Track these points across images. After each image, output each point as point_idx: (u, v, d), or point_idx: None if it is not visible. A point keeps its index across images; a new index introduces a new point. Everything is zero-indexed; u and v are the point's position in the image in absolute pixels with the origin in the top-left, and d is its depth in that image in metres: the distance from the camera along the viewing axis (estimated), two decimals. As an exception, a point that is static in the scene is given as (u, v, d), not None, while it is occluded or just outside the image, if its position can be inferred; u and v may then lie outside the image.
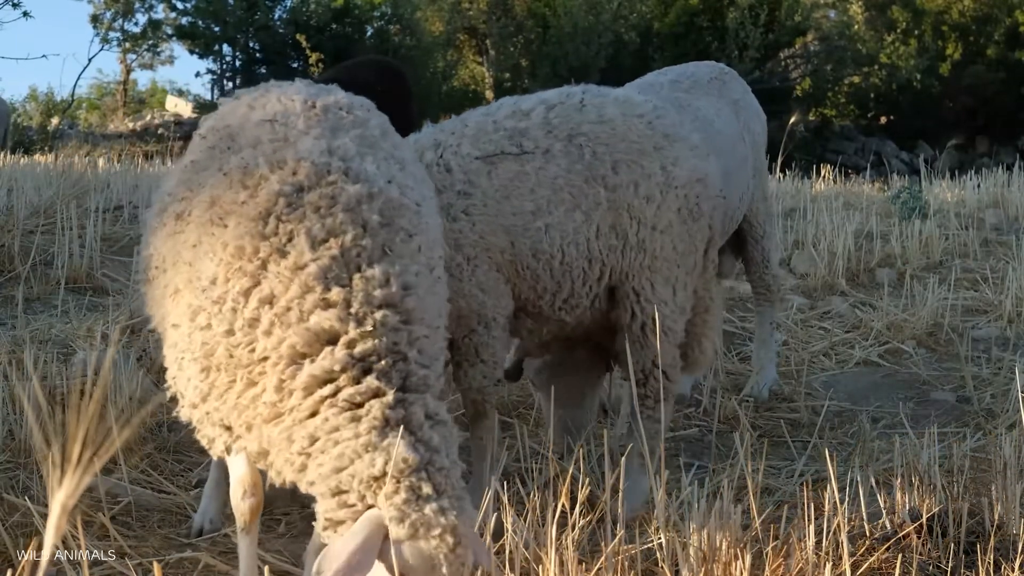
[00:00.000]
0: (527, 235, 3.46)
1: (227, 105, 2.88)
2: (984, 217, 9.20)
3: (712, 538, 2.67)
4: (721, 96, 4.93)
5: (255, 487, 2.70)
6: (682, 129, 3.76)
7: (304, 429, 2.23)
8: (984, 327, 6.34)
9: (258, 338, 2.27)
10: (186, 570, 3.16)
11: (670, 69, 5.16)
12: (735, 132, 4.88)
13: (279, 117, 2.64)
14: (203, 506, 3.49)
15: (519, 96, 3.80)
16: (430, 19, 24.38)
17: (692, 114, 4.61)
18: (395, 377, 2.25)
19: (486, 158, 3.48)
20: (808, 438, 4.64)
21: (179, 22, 26.15)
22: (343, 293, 2.26)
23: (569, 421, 4.04)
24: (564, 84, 3.99)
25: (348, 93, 2.88)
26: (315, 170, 2.42)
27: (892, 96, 24.97)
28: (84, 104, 31.22)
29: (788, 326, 6.30)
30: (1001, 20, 24.44)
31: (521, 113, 3.63)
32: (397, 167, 2.64)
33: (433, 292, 2.50)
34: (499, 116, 3.63)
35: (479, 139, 3.55)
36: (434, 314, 2.46)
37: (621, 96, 3.76)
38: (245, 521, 2.72)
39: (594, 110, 3.63)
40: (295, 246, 2.30)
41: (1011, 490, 3.25)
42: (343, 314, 2.25)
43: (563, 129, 3.56)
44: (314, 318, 2.24)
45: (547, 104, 3.65)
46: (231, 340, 2.30)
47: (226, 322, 2.30)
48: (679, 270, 3.68)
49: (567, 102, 3.65)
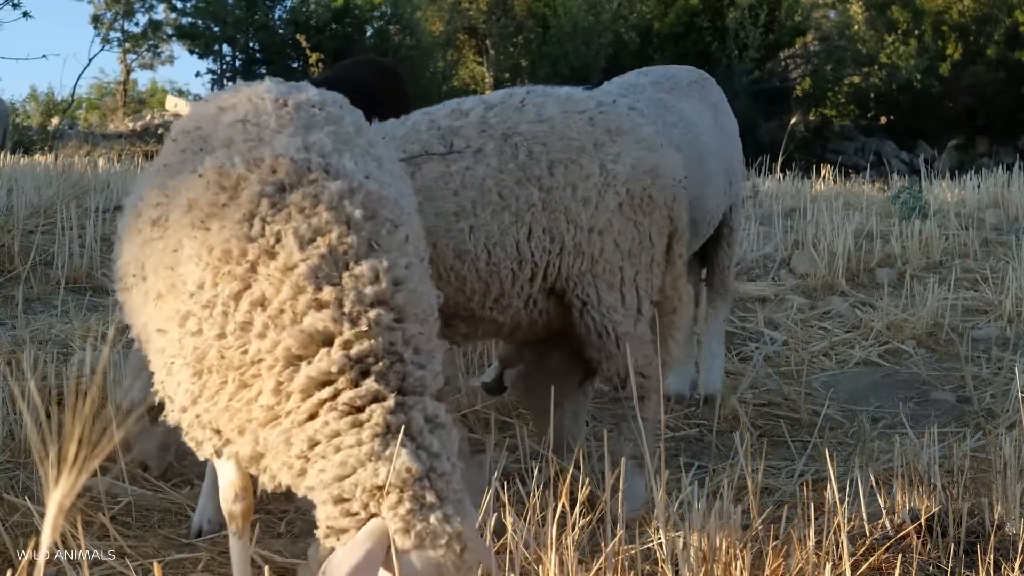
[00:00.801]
0: (449, 236, 3.39)
1: (197, 107, 2.85)
2: (984, 217, 9.20)
3: (712, 538, 2.67)
4: (702, 100, 4.92)
5: (245, 490, 2.69)
6: (628, 122, 3.67)
7: (303, 432, 2.22)
8: (984, 327, 6.34)
9: (251, 341, 2.26)
10: (186, 570, 3.16)
11: (649, 70, 5.09)
12: (715, 137, 4.85)
13: (251, 116, 2.61)
14: (201, 506, 3.49)
15: (468, 97, 3.75)
16: (430, 19, 24.38)
17: (677, 115, 4.59)
18: (393, 379, 2.24)
19: (410, 159, 3.44)
20: (808, 438, 4.64)
21: (179, 22, 26.17)
22: (335, 292, 2.25)
23: (551, 429, 3.89)
24: (564, 84, 3.97)
25: (321, 90, 2.86)
26: (295, 168, 2.40)
27: (892, 96, 24.97)
28: (84, 104, 31.22)
29: (788, 326, 6.30)
30: (1001, 20, 24.44)
31: (460, 112, 3.58)
32: (374, 164, 2.62)
33: (425, 282, 2.49)
34: (438, 115, 3.59)
35: (408, 139, 3.51)
36: (427, 308, 2.45)
37: (564, 94, 3.69)
38: (237, 525, 2.72)
39: (533, 109, 3.56)
40: (283, 247, 2.28)
41: (1011, 490, 3.25)
42: (336, 314, 2.24)
43: (499, 128, 3.50)
44: (308, 319, 2.23)
45: (487, 104, 3.60)
46: (223, 343, 2.28)
47: (217, 326, 2.29)
48: (627, 270, 3.58)
49: (507, 102, 3.59)
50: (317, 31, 22.45)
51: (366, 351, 2.24)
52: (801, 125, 20.69)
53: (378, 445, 2.17)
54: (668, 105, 4.63)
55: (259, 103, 2.67)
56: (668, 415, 4.96)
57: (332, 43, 21.93)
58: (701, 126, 4.71)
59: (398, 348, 2.28)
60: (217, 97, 2.83)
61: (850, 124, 25.37)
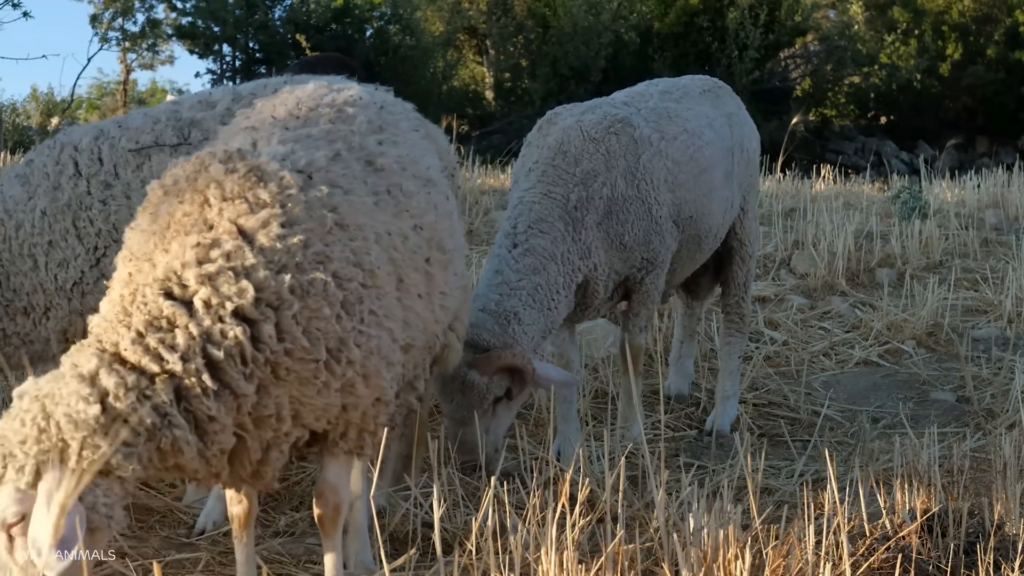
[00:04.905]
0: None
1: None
2: (984, 217, 9.20)
3: (712, 538, 2.67)
4: (715, 108, 4.87)
5: (246, 493, 2.73)
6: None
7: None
8: (984, 327, 6.34)
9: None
10: (186, 570, 3.16)
11: (662, 80, 5.08)
12: (725, 146, 4.80)
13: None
14: (209, 506, 3.49)
15: (231, 86, 3.73)
16: (430, 19, 24.36)
17: (680, 126, 4.56)
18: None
19: (139, 150, 3.45)
20: (808, 438, 4.65)
21: (179, 22, 26.14)
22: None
23: (465, 438, 3.87)
24: (564, 84, 3.96)
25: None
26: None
27: (892, 96, 24.93)
28: (84, 104, 31.20)
29: (788, 326, 6.30)
30: (1001, 20, 24.42)
31: (206, 103, 3.57)
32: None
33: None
34: (184, 105, 3.58)
35: (143, 130, 3.52)
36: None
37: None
38: (238, 526, 2.76)
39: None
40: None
41: (1011, 490, 3.25)
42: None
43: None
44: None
45: (237, 94, 3.57)
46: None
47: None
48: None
49: (260, 93, 3.52)
50: (317, 31, 22.42)
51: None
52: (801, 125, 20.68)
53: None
54: (672, 115, 4.59)
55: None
56: (668, 415, 4.96)
57: (332, 43, 21.91)
58: (706, 137, 4.66)
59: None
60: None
61: (850, 124, 25.35)
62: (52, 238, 3.43)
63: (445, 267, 2.99)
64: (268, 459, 2.53)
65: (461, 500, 3.54)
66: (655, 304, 4.53)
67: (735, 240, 5.04)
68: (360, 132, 2.90)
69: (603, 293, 4.34)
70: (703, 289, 5.34)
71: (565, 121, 4.40)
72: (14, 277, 3.44)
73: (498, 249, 4.17)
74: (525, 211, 4.19)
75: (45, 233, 3.43)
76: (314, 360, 2.45)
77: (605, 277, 4.30)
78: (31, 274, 3.43)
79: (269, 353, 2.41)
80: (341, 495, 2.73)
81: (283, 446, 2.53)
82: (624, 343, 4.48)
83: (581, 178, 4.22)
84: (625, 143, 4.32)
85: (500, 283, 4.05)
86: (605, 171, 4.26)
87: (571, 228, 4.17)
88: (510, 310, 3.99)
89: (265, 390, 2.43)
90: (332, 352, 2.48)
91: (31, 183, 3.48)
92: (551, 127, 4.43)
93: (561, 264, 4.13)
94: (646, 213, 4.32)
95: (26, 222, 3.44)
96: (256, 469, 2.54)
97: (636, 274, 4.37)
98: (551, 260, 4.11)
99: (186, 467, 2.42)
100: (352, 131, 2.89)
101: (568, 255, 4.15)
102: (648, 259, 4.36)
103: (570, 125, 4.35)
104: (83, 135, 3.56)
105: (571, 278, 4.17)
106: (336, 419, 2.61)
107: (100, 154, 3.48)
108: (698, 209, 4.55)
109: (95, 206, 3.42)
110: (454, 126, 14.71)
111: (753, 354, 5.73)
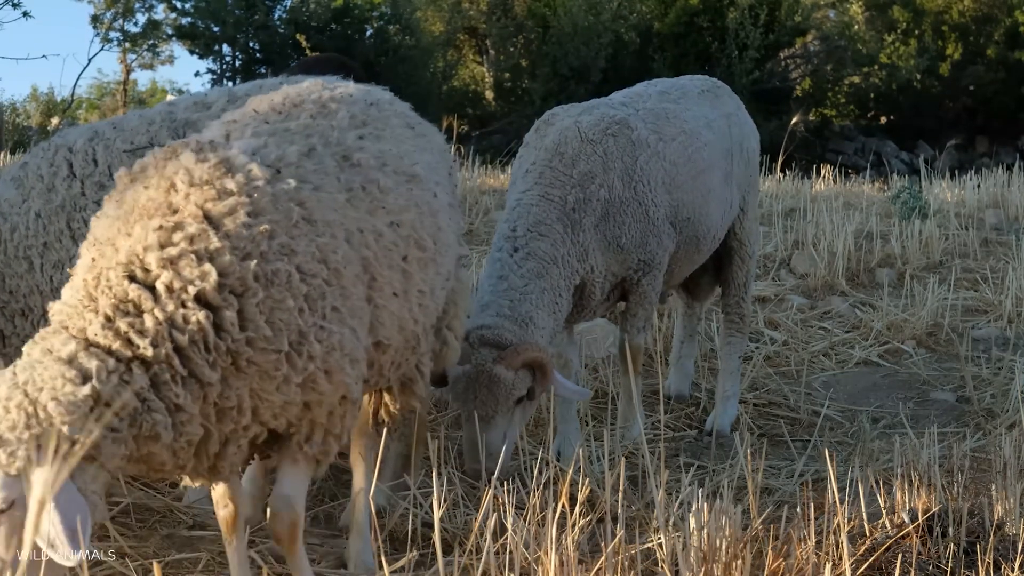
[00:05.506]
0: None
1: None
2: (984, 217, 9.20)
3: (712, 538, 2.67)
4: (714, 109, 4.86)
5: (230, 498, 2.74)
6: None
7: None
8: (984, 327, 6.34)
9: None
10: (186, 570, 3.16)
11: (660, 81, 5.07)
12: (724, 147, 4.79)
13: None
14: None
15: (227, 87, 3.73)
16: (430, 19, 24.36)
17: (677, 127, 4.55)
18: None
19: (135, 151, 3.43)
20: (808, 438, 4.65)
21: (179, 22, 26.14)
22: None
23: (482, 442, 3.79)
24: (564, 84, 3.96)
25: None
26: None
27: (892, 96, 24.93)
28: (84, 104, 31.19)
29: (788, 326, 6.30)
30: (1001, 20, 24.41)
31: (202, 104, 3.57)
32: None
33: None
34: (180, 106, 3.57)
35: (138, 131, 3.51)
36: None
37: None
38: (226, 531, 2.78)
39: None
40: None
41: (1011, 490, 3.25)
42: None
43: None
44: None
45: (232, 95, 3.57)
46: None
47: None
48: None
49: (255, 94, 3.47)
50: (317, 31, 22.42)
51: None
52: (801, 125, 20.69)
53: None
54: (671, 116, 4.57)
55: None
56: (668, 415, 4.96)
57: (332, 43, 21.91)
58: (705, 138, 4.65)
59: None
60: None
61: (850, 124, 25.35)
62: (47, 240, 3.41)
63: (425, 265, 2.94)
64: (225, 453, 2.51)
65: (461, 500, 3.54)
66: (653, 305, 4.52)
67: (735, 240, 5.02)
68: (340, 127, 2.87)
69: (600, 295, 4.33)
70: (703, 289, 5.34)
71: (562, 122, 4.39)
72: (10, 279, 3.43)
73: (498, 253, 4.14)
74: (523, 213, 4.18)
75: (40, 235, 3.42)
76: (276, 351, 2.44)
77: (602, 279, 4.29)
78: (27, 276, 3.42)
79: (231, 342, 2.39)
80: (298, 510, 2.70)
81: (241, 441, 2.51)
82: (623, 343, 4.48)
83: (578, 180, 4.21)
84: (622, 145, 4.31)
85: (507, 288, 4.03)
86: (602, 173, 4.24)
87: (569, 230, 4.16)
88: (525, 314, 3.98)
89: (227, 381, 2.42)
90: (293, 344, 2.46)
91: (25, 185, 3.47)
92: (548, 128, 4.41)
93: (561, 267, 4.12)
94: (643, 215, 4.31)
95: (21, 224, 3.43)
96: (213, 464, 2.52)
97: (633, 276, 4.36)
98: (552, 263, 4.10)
99: (155, 458, 2.40)
100: (331, 126, 2.86)
101: (567, 257, 4.14)
102: (645, 261, 4.35)
103: (567, 126, 4.34)
104: (77, 136, 3.55)
105: (570, 280, 4.16)
106: (300, 419, 2.58)
107: (95, 155, 3.48)
108: (696, 210, 4.54)
109: (90, 207, 3.41)
110: (454, 126, 14.72)
111: (753, 354, 5.73)
